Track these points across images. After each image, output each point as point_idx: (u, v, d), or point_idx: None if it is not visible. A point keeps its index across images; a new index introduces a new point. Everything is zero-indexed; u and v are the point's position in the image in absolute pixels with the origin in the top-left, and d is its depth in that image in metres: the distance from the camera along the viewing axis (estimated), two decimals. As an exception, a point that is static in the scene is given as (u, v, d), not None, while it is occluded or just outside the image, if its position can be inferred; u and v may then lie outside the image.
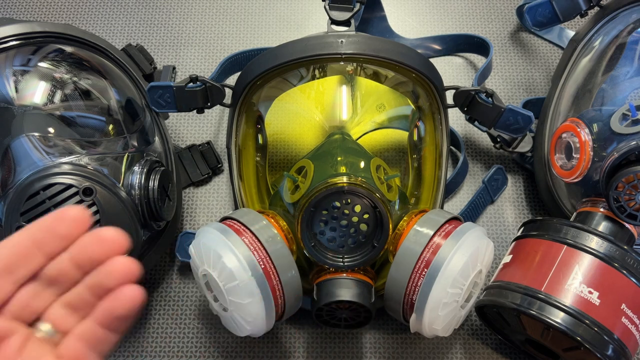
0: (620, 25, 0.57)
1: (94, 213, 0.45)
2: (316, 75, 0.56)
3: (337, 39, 0.50)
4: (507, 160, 0.65)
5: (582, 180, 0.51)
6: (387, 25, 0.70)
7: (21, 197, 0.44)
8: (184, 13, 0.73)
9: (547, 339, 0.49)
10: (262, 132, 0.60)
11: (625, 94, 0.53)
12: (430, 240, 0.47)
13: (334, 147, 0.54)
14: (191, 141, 0.66)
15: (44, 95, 0.50)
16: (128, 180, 0.49)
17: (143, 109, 0.57)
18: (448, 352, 0.56)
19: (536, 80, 0.70)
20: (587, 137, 0.51)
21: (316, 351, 0.56)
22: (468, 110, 0.54)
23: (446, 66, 0.70)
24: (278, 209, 0.53)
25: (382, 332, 0.57)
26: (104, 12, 0.73)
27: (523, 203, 0.63)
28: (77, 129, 0.50)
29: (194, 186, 0.64)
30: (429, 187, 0.57)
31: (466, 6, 0.74)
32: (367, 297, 0.48)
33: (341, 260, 0.49)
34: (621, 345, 0.46)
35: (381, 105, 0.61)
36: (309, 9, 0.74)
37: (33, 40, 0.52)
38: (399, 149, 0.64)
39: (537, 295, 0.47)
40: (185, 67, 0.70)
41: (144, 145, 0.55)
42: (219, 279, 0.45)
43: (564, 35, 0.71)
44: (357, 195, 0.47)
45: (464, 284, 0.46)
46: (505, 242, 0.61)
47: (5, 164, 0.47)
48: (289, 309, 0.49)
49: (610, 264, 0.47)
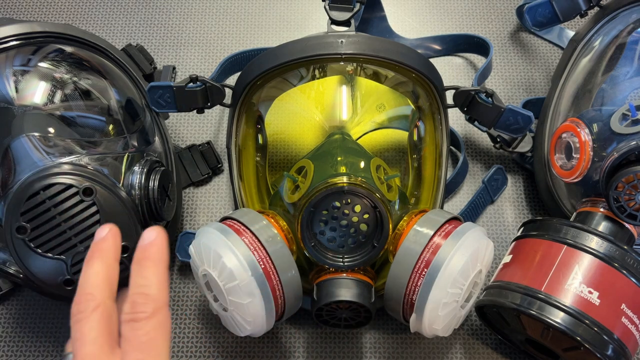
0: (620, 25, 0.57)
1: (93, 213, 0.45)
2: (316, 75, 0.56)
3: (337, 39, 0.50)
4: (507, 160, 0.65)
5: (582, 180, 0.51)
6: (387, 25, 0.70)
7: (21, 197, 0.44)
8: (184, 13, 0.73)
9: (547, 339, 0.50)
10: (262, 132, 0.60)
11: (625, 94, 0.53)
12: (430, 240, 0.47)
13: (334, 147, 0.54)
14: (191, 141, 0.66)
15: (44, 95, 0.50)
16: (128, 180, 0.49)
17: (143, 109, 0.57)
18: (448, 352, 0.56)
19: (536, 80, 0.70)
20: (587, 137, 0.51)
21: (316, 351, 0.56)
22: (468, 110, 0.54)
23: (446, 66, 0.70)
24: (278, 209, 0.53)
25: (382, 332, 0.57)
26: (104, 12, 0.73)
27: (523, 203, 0.63)
28: (77, 129, 0.50)
29: (194, 186, 0.64)
30: (429, 187, 0.57)
31: (466, 6, 0.74)
32: (367, 297, 0.48)
33: (341, 260, 0.49)
34: (621, 345, 0.46)
35: (381, 105, 0.61)
36: (309, 9, 0.74)
37: (33, 40, 0.52)
38: (399, 149, 0.64)
39: (537, 295, 0.47)
40: (185, 67, 0.70)
41: (144, 145, 0.55)
42: (219, 279, 0.45)
43: (564, 35, 0.71)
44: (357, 195, 0.47)
45: (464, 284, 0.46)
46: (505, 242, 0.61)
47: (5, 164, 0.47)
48: (289, 309, 0.49)
49: (610, 264, 0.47)
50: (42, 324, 0.57)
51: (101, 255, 0.35)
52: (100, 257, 0.35)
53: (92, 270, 0.34)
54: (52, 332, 0.56)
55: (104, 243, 0.35)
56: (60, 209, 0.44)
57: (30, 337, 0.56)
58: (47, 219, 0.44)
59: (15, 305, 0.58)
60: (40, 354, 0.55)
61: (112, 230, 0.37)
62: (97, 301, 0.33)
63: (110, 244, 0.36)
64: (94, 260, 0.35)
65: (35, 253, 0.45)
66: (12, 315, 0.57)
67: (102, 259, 0.35)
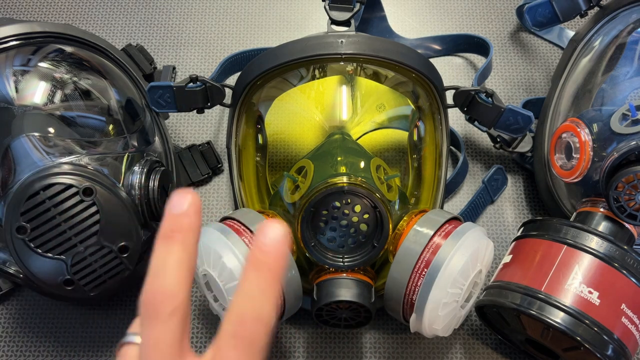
0: (620, 25, 0.57)
1: (93, 213, 0.45)
2: (316, 75, 0.56)
3: (337, 39, 0.50)
4: (507, 160, 0.65)
5: (582, 180, 0.51)
6: (387, 25, 0.70)
7: (21, 197, 0.44)
8: (184, 13, 0.73)
9: (547, 339, 0.50)
10: (262, 132, 0.60)
11: (625, 94, 0.53)
12: (430, 240, 0.47)
13: (334, 147, 0.54)
14: (191, 141, 0.66)
15: (44, 95, 0.50)
16: (128, 180, 0.49)
17: (143, 109, 0.57)
18: (448, 352, 0.56)
19: (536, 80, 0.70)
20: (587, 137, 0.51)
21: (316, 351, 0.56)
22: (468, 110, 0.54)
23: (446, 66, 0.70)
24: (278, 209, 0.53)
25: (382, 332, 0.57)
26: (104, 12, 0.73)
27: (523, 203, 0.63)
28: (77, 129, 0.50)
29: (194, 186, 0.64)
30: (429, 187, 0.57)
31: (466, 6, 0.74)
32: (367, 297, 0.48)
33: (341, 260, 0.49)
34: (621, 345, 0.46)
35: (381, 105, 0.61)
36: (309, 9, 0.74)
37: (33, 40, 0.52)
38: (399, 149, 0.64)
39: (537, 295, 0.47)
40: (185, 67, 0.70)
41: (144, 145, 0.55)
42: (219, 279, 0.45)
43: (564, 35, 0.71)
44: (357, 195, 0.47)
45: (464, 284, 0.46)
46: (505, 242, 0.61)
47: (5, 164, 0.47)
48: (289, 309, 0.49)
49: (610, 264, 0.47)
50: (42, 324, 0.57)
51: (184, 238, 0.27)
52: (183, 240, 0.27)
53: (173, 257, 0.27)
54: (52, 332, 0.56)
55: (185, 219, 0.27)
56: (60, 209, 0.44)
57: (30, 337, 0.56)
58: (47, 219, 0.44)
59: (15, 305, 0.58)
60: (40, 354, 0.55)
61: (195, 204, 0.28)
62: (177, 302, 0.27)
63: (193, 221, 0.28)
64: (175, 242, 0.27)
65: (35, 253, 0.45)
66: (12, 315, 0.57)
67: (184, 244, 0.27)
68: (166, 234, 0.28)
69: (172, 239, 0.28)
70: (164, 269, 0.27)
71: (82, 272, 0.46)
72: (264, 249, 0.27)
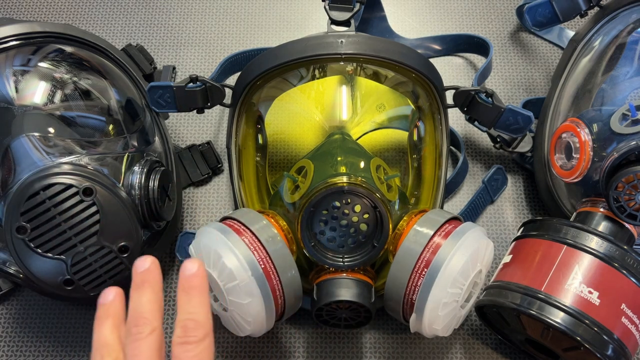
0: (620, 25, 0.57)
1: (93, 213, 0.45)
2: (316, 75, 0.56)
3: (337, 39, 0.50)
4: (507, 160, 0.65)
5: (582, 180, 0.51)
6: (387, 25, 0.70)
7: (21, 197, 0.44)
8: (184, 13, 0.73)
9: (547, 339, 0.50)
10: (262, 132, 0.60)
11: (625, 94, 0.53)
12: (430, 240, 0.47)
13: (334, 147, 0.54)
14: (191, 141, 0.66)
15: (44, 95, 0.50)
16: (128, 180, 0.49)
17: (143, 109, 0.57)
18: (448, 352, 0.56)
19: (536, 80, 0.70)
20: (587, 137, 0.51)
21: (316, 351, 0.56)
22: (468, 110, 0.54)
23: (446, 66, 0.70)
24: (278, 209, 0.53)
25: (382, 332, 0.57)
26: (104, 12, 0.73)
27: (523, 203, 0.63)
28: (77, 129, 0.50)
29: (194, 186, 0.64)
30: (429, 187, 0.57)
31: (466, 6, 0.74)
32: (367, 297, 0.48)
33: (341, 260, 0.49)
34: (621, 345, 0.46)
35: (381, 105, 0.61)
36: (309, 9, 0.74)
37: (33, 40, 0.52)
38: (399, 149, 0.64)
39: (537, 295, 0.47)
40: (185, 67, 0.70)
41: (144, 145, 0.55)
42: (219, 279, 0.45)
43: (564, 35, 0.71)
44: (357, 195, 0.47)
45: (464, 283, 0.46)
46: (505, 242, 0.61)
47: (5, 164, 0.47)
48: (289, 309, 0.49)
49: (610, 264, 0.47)
50: (42, 324, 0.57)
51: (151, 285, 0.38)
52: (151, 286, 0.38)
53: (145, 297, 0.38)
54: (52, 332, 0.56)
55: (150, 274, 0.39)
56: (60, 209, 0.44)
57: (30, 337, 0.56)
58: (47, 219, 0.44)
59: (15, 305, 0.58)
60: (40, 354, 0.55)
61: (155, 262, 0.39)
62: (153, 326, 0.37)
63: (156, 275, 0.39)
64: (145, 288, 0.38)
65: (35, 253, 0.45)
66: (12, 315, 0.57)
67: (152, 288, 0.38)
68: (138, 285, 0.38)
69: (143, 287, 0.38)
70: (140, 305, 0.38)
71: (82, 272, 0.46)
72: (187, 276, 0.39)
